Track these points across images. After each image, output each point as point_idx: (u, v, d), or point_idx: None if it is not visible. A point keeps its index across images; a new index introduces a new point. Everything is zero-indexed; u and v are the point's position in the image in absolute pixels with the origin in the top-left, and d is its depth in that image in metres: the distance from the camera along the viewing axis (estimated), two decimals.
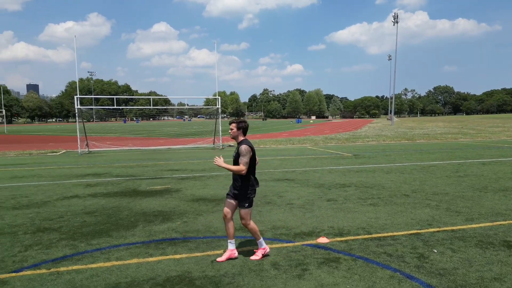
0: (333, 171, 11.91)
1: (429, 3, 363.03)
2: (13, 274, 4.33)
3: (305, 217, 6.55)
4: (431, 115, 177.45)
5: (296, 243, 5.22)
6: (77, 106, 18.55)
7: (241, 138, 4.73)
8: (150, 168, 13.28)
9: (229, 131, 4.75)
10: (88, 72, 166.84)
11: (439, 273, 4.16)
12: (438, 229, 5.73)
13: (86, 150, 19.82)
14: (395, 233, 5.58)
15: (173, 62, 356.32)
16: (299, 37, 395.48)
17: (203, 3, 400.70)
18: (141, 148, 21.96)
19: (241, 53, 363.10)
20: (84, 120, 20.32)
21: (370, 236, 5.48)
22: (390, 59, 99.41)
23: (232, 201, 4.70)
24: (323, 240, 5.30)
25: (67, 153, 19.59)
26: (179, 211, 7.13)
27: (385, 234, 5.54)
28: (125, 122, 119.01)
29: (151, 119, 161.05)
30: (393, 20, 59.70)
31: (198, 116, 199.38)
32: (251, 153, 4.57)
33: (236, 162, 4.63)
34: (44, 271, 4.42)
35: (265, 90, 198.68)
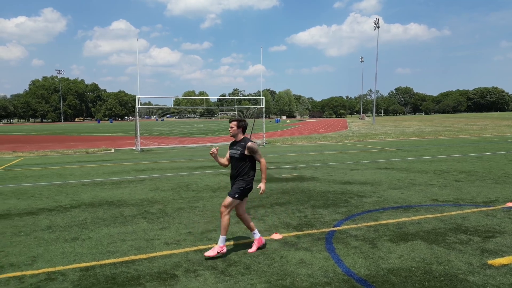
0: (410, 161, 13.95)
1: (383, 8, 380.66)
2: (354, 225, 5.88)
3: (468, 191, 8.43)
4: (393, 115, 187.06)
5: (502, 206, 7.10)
6: (138, 105, 19.45)
7: (241, 136, 4.91)
8: None
9: (229, 129, 4.91)
10: (56, 70, 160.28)
11: None
12: None
13: (139, 148, 20.66)
14: None
15: (133, 61, 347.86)
16: (261, 38, 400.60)
17: (164, 2, 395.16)
18: (186, 145, 23.09)
19: (204, 52, 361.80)
20: (138, 118, 21.14)
21: None
22: (362, 61, 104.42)
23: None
24: None
25: (123, 151, 20.35)
26: (355, 191, 8.76)
27: None
28: (99, 122, 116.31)
29: (119, 119, 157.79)
30: (374, 25, 63.65)
31: (167, 116, 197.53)
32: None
33: (240, 160, 4.80)
34: (372, 223, 6.02)
35: (235, 90, 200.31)
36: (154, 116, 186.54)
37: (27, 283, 4.09)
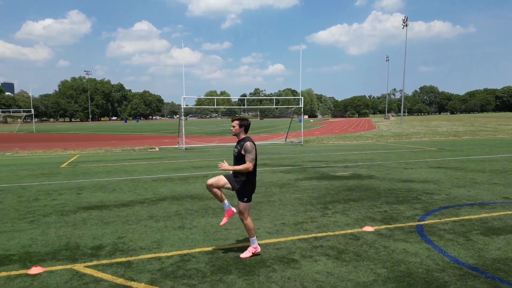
0: (460, 161, 14.00)
1: (406, 5, 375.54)
2: (438, 220, 6.17)
3: None
4: (418, 114, 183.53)
5: None
6: (183, 105, 20.14)
7: (243, 135, 4.79)
8: (289, 160, 15.04)
9: (231, 128, 4.79)
10: (85, 71, 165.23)
11: None
12: None
13: (184, 146, 21.35)
14: None
15: (154, 61, 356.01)
16: (281, 37, 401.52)
17: (185, 3, 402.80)
18: (226, 144, 23.69)
19: (224, 52, 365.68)
20: (183, 118, 21.87)
21: None
22: (388, 60, 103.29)
23: (226, 181, 4.68)
24: None
25: (168, 149, 21.07)
26: (420, 188, 8.98)
27: None
28: (125, 121, 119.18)
29: (142, 118, 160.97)
30: (403, 24, 62.89)
31: (190, 115, 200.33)
32: (255, 150, 4.64)
33: (239, 159, 4.68)
34: (454, 218, 6.29)
35: (256, 89, 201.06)
36: (177, 116, 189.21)
37: (167, 263, 4.57)
